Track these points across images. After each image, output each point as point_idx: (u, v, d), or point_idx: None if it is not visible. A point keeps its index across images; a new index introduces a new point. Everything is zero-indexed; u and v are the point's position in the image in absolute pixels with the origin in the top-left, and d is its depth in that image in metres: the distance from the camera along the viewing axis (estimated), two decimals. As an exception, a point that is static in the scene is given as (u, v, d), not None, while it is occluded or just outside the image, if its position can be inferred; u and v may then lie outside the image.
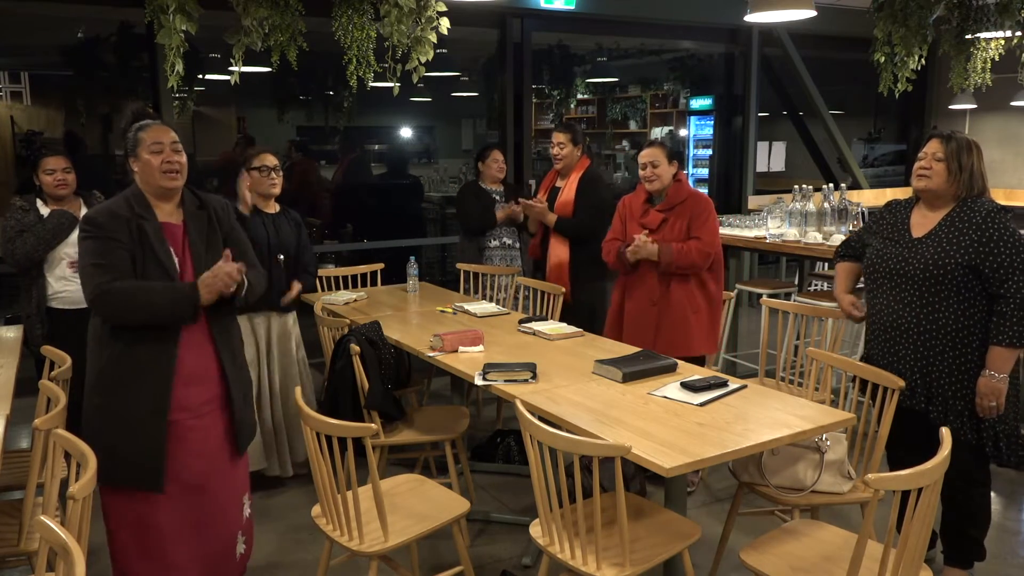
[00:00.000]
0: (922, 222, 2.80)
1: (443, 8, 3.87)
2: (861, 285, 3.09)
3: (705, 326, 3.69)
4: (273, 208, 3.83)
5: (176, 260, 2.53)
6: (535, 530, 2.40)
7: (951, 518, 2.91)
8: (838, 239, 4.60)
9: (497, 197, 4.73)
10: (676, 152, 3.73)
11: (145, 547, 2.55)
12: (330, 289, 4.51)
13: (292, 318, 3.89)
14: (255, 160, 3.75)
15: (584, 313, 4.08)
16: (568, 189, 4.27)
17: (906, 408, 2.77)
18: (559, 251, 4.27)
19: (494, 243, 4.75)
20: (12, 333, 3.60)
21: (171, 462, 2.51)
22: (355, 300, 4.17)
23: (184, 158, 2.58)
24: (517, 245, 4.77)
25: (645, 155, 3.69)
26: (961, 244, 2.66)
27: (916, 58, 5.16)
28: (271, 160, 3.76)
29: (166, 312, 2.45)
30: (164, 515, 2.53)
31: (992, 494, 3.65)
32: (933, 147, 2.76)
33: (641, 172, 3.72)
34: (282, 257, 3.77)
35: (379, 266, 4.77)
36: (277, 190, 3.79)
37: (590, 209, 4.21)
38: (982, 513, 2.89)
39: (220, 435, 2.65)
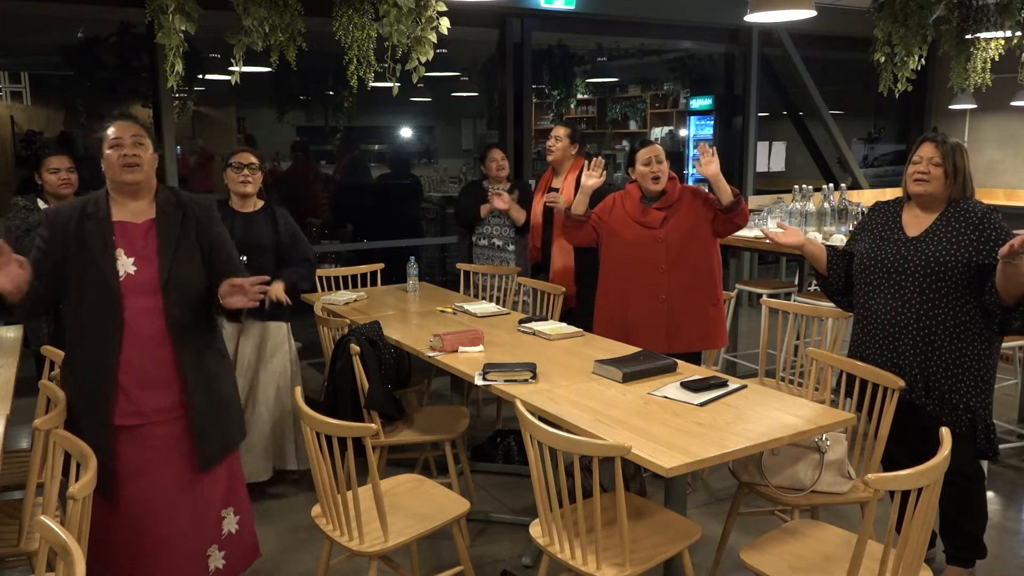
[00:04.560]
0: (915, 222, 2.87)
1: (443, 8, 3.87)
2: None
3: (723, 318, 3.64)
4: (252, 206, 3.73)
5: (123, 261, 2.44)
6: (535, 530, 2.40)
7: (949, 515, 2.92)
8: (838, 239, 4.60)
9: (495, 195, 4.72)
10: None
11: (96, 553, 2.48)
12: (330, 289, 4.51)
13: (280, 328, 3.75)
14: (234, 157, 3.68)
15: (589, 319, 3.87)
16: (566, 190, 4.24)
17: (905, 403, 2.79)
18: (564, 257, 4.24)
19: (482, 242, 4.74)
20: (12, 333, 3.59)
21: (123, 467, 2.45)
22: (355, 300, 4.17)
23: (147, 152, 2.47)
24: (510, 247, 4.65)
25: (650, 151, 3.51)
26: (962, 243, 2.74)
27: (916, 58, 5.17)
28: (247, 158, 3.66)
29: None
30: (114, 521, 2.47)
31: (992, 494, 3.66)
32: (929, 152, 2.80)
33: (645, 168, 3.51)
34: (244, 259, 3.50)
35: (379, 266, 4.76)
36: (250, 188, 3.67)
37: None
38: (979, 509, 2.91)
39: (183, 444, 2.55)
